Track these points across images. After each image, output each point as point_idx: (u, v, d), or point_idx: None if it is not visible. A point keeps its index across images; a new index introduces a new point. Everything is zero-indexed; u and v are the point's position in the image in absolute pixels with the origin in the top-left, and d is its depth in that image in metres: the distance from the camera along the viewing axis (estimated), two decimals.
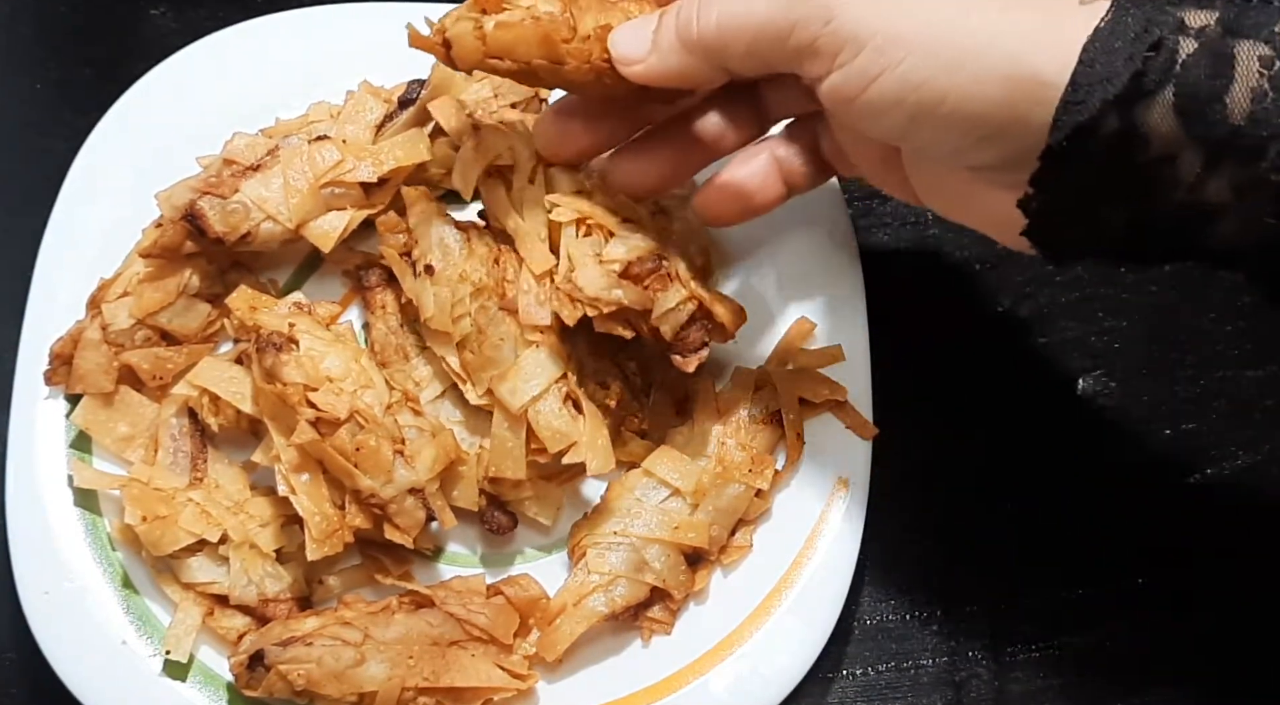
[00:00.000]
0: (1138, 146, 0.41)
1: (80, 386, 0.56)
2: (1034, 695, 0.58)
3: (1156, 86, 0.40)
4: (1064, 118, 0.41)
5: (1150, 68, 0.40)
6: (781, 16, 0.45)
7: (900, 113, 0.44)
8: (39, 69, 0.69)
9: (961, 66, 0.42)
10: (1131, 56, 0.40)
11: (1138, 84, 0.40)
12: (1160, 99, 0.40)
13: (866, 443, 0.57)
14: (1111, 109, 0.40)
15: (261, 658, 0.51)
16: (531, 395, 0.52)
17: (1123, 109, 0.40)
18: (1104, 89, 0.40)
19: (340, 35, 0.63)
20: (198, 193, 0.55)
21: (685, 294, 0.51)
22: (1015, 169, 0.43)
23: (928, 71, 0.42)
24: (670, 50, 0.48)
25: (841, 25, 0.44)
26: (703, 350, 0.52)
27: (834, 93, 0.45)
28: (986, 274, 0.64)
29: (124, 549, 0.55)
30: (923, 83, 0.43)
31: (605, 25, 0.49)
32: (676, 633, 0.55)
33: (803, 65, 0.46)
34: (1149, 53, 0.40)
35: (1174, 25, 0.41)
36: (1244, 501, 0.60)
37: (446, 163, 0.60)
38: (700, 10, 0.47)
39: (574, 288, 0.52)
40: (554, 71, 0.48)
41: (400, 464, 0.52)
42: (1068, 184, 0.42)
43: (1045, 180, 0.42)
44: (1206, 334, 0.64)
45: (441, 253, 0.55)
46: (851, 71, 0.44)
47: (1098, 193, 0.42)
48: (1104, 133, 0.40)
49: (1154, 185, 0.41)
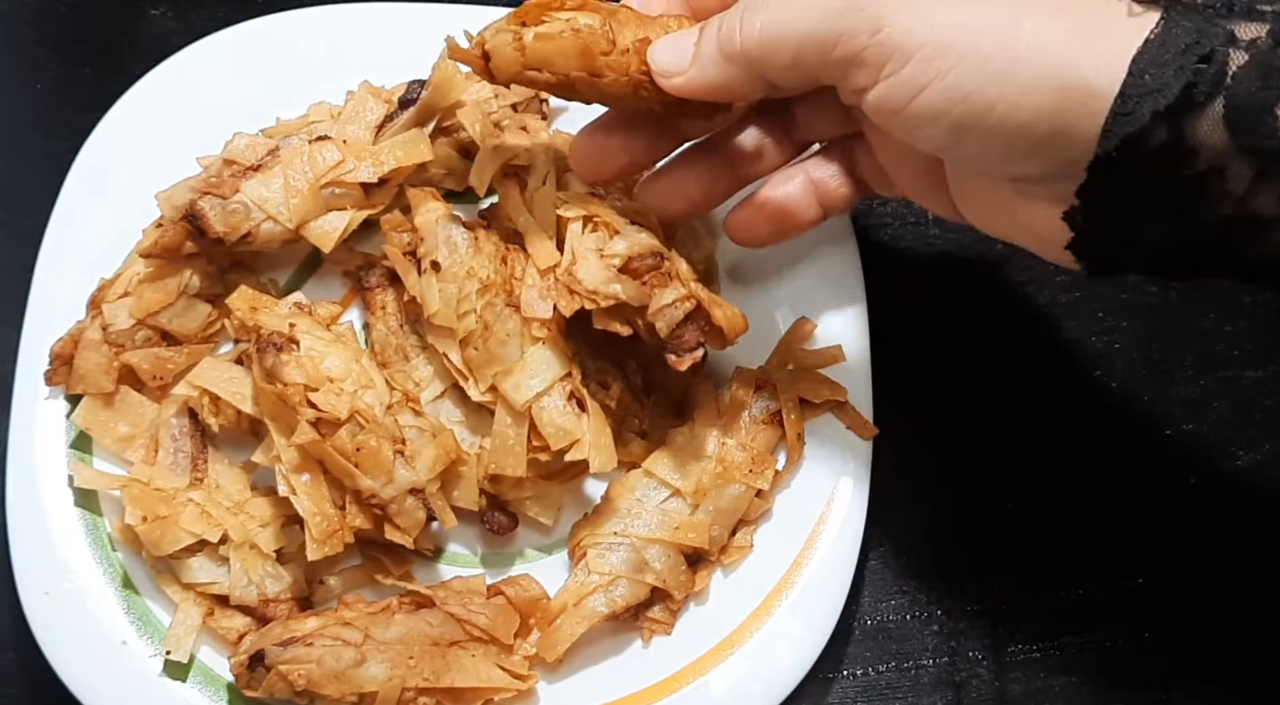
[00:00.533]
0: (1186, 158, 0.40)
1: (80, 387, 0.56)
2: (1034, 695, 0.58)
3: (1207, 98, 0.40)
4: (1113, 128, 0.40)
5: (1201, 79, 0.40)
6: (828, 27, 0.44)
7: (946, 123, 0.43)
8: (39, 69, 0.69)
9: (1010, 76, 0.42)
10: (1182, 68, 0.40)
11: (1188, 96, 0.40)
12: (1210, 111, 0.40)
13: (866, 443, 0.57)
14: (1161, 120, 0.40)
15: (262, 658, 0.51)
16: (536, 391, 0.52)
17: (1172, 120, 0.40)
18: (1154, 100, 0.40)
19: (340, 35, 0.63)
20: (198, 193, 0.56)
21: (683, 293, 0.52)
22: (1060, 181, 0.43)
23: (976, 81, 0.42)
24: (711, 61, 0.48)
25: (890, 35, 0.43)
26: (697, 351, 0.52)
27: (880, 104, 0.45)
28: (987, 274, 0.64)
29: (124, 549, 0.55)
30: (970, 93, 0.42)
31: (644, 39, 0.49)
32: (677, 633, 0.55)
33: (847, 76, 0.45)
34: (1199, 64, 0.40)
35: (1224, 37, 0.40)
36: (1244, 501, 0.60)
37: (447, 163, 0.60)
38: (744, 21, 0.47)
39: (573, 280, 0.52)
40: (592, 84, 0.48)
41: (401, 464, 0.52)
42: (1114, 196, 0.42)
43: (1092, 192, 0.42)
44: (1206, 334, 0.64)
45: (449, 249, 0.55)
46: (898, 82, 0.44)
47: (1144, 205, 0.42)
48: (1153, 144, 0.40)
49: (1202, 197, 0.41)
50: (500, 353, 0.53)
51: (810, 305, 0.59)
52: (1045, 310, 0.63)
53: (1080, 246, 0.44)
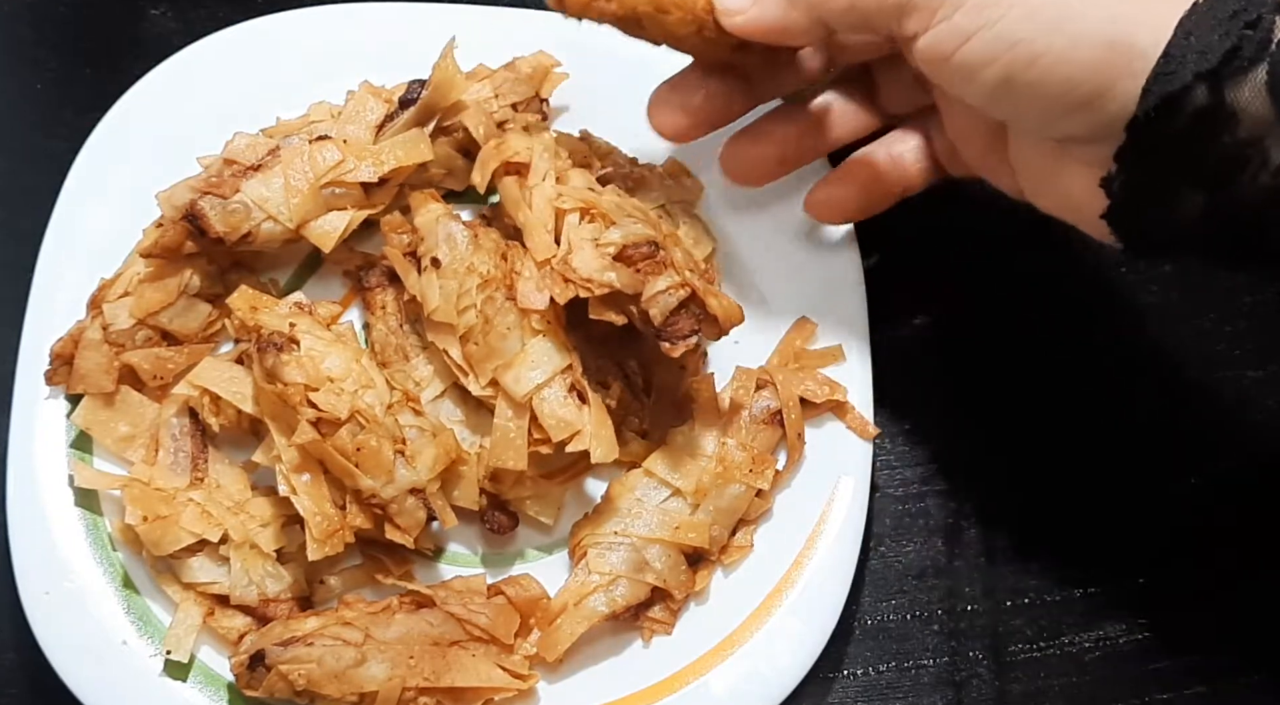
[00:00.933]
0: (1226, 124, 0.40)
1: (81, 386, 0.56)
2: (1034, 695, 0.58)
3: (1250, 63, 0.40)
4: (1154, 87, 0.40)
5: (1245, 44, 0.40)
6: None
7: (993, 72, 0.44)
8: (39, 69, 0.69)
9: (1059, 28, 0.42)
10: (1228, 32, 0.40)
11: (1231, 59, 0.40)
12: (1253, 77, 0.40)
13: (866, 443, 0.57)
14: (1202, 82, 0.40)
15: (262, 658, 0.51)
16: (536, 383, 0.52)
17: (1214, 83, 0.40)
18: (1197, 61, 0.40)
19: (340, 35, 0.63)
20: (198, 193, 0.56)
21: (678, 280, 0.52)
22: (1101, 141, 0.43)
23: (1024, 30, 0.42)
24: (773, 2, 0.49)
25: None
26: (691, 338, 0.52)
27: (929, 50, 0.45)
28: (987, 274, 0.64)
29: (124, 549, 0.55)
30: (1018, 41, 0.42)
31: None
32: (677, 633, 0.55)
33: (901, 21, 0.46)
34: (1245, 30, 0.40)
35: (1273, 4, 0.40)
36: (1244, 501, 0.60)
37: (447, 163, 0.60)
38: None
39: (568, 268, 0.52)
40: (657, 20, 0.50)
41: (401, 464, 0.52)
42: (1151, 160, 0.42)
43: (1129, 156, 0.42)
44: (1206, 334, 0.64)
45: (448, 246, 0.55)
46: (949, 28, 0.44)
47: (1180, 171, 0.42)
48: (1193, 107, 0.40)
49: (1238, 167, 0.41)
50: (500, 346, 0.53)
51: (810, 305, 0.59)
52: (1046, 310, 0.63)
53: (1116, 216, 0.44)
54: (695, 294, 0.52)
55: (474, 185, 0.58)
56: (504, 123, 0.59)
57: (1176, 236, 0.45)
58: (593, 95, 0.62)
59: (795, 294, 0.59)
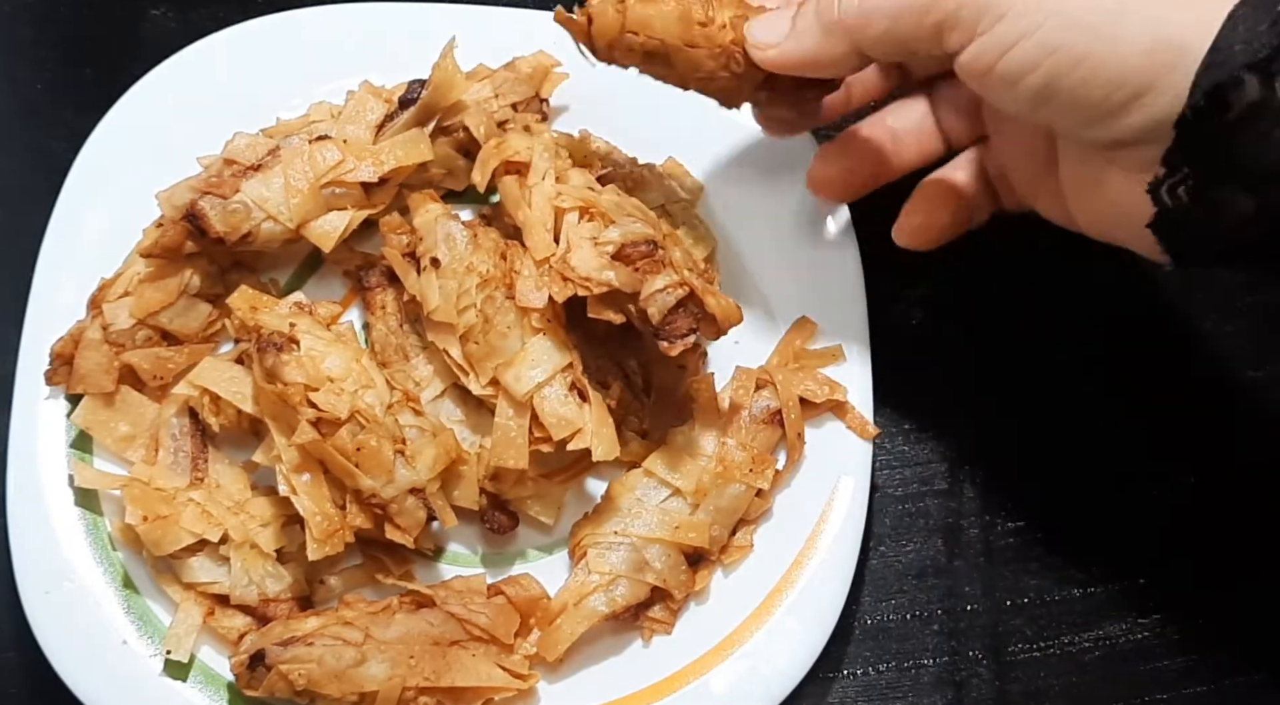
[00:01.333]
0: (1275, 119, 0.40)
1: (81, 386, 0.56)
2: (1034, 695, 0.58)
3: None
4: (1203, 79, 0.40)
5: None
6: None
7: (1035, 78, 0.44)
8: (39, 69, 0.69)
9: (1099, 32, 0.42)
10: (1276, 22, 0.39)
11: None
12: None
13: (866, 443, 0.57)
14: (1252, 74, 0.40)
15: (262, 657, 0.51)
16: (537, 381, 0.52)
17: (1264, 76, 0.40)
18: (1246, 53, 0.40)
19: (340, 35, 0.63)
20: (198, 193, 0.56)
21: (676, 279, 0.52)
22: (1149, 144, 0.43)
23: (1065, 37, 0.42)
24: (808, 33, 0.49)
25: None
26: (689, 337, 0.52)
27: (972, 64, 0.45)
28: (988, 274, 0.64)
29: (125, 549, 0.55)
30: (1060, 46, 0.43)
31: (740, 15, 0.51)
32: (677, 633, 0.55)
33: (943, 39, 0.46)
34: None
35: None
36: (1244, 501, 0.60)
37: (447, 163, 0.60)
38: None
39: (567, 267, 0.52)
40: (684, 54, 0.51)
41: (401, 464, 0.52)
42: (1200, 158, 0.42)
43: (1178, 154, 0.42)
44: (1206, 334, 0.64)
45: (447, 246, 0.55)
46: (991, 39, 0.44)
47: (1230, 171, 0.42)
48: (1243, 101, 0.40)
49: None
50: (501, 345, 0.53)
51: (810, 305, 0.59)
52: (1046, 311, 0.63)
53: (1163, 225, 0.44)
54: (693, 293, 0.52)
55: (474, 185, 0.58)
56: (504, 122, 0.59)
57: (1224, 243, 0.44)
58: (593, 95, 0.62)
59: (795, 294, 0.59)
